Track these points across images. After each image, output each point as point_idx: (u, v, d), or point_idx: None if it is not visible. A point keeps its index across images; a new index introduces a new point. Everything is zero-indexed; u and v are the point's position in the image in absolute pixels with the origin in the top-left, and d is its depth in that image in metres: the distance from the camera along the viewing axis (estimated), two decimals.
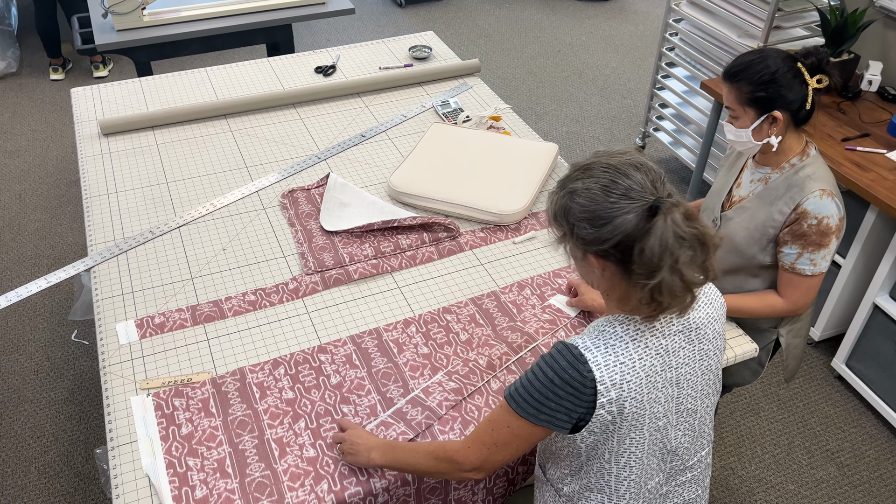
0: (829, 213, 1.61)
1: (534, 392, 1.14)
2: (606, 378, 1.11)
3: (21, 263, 3.21)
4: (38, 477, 2.37)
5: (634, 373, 1.12)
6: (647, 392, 1.14)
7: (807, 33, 3.09)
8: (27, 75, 4.65)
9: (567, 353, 1.13)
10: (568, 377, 1.11)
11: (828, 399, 2.66)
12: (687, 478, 1.29)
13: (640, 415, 1.14)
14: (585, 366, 1.11)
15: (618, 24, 5.44)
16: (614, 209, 1.07)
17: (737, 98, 1.62)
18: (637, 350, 1.13)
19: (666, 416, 1.18)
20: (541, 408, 1.14)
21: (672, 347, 1.16)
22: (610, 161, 1.11)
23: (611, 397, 1.11)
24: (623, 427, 1.15)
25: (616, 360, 1.12)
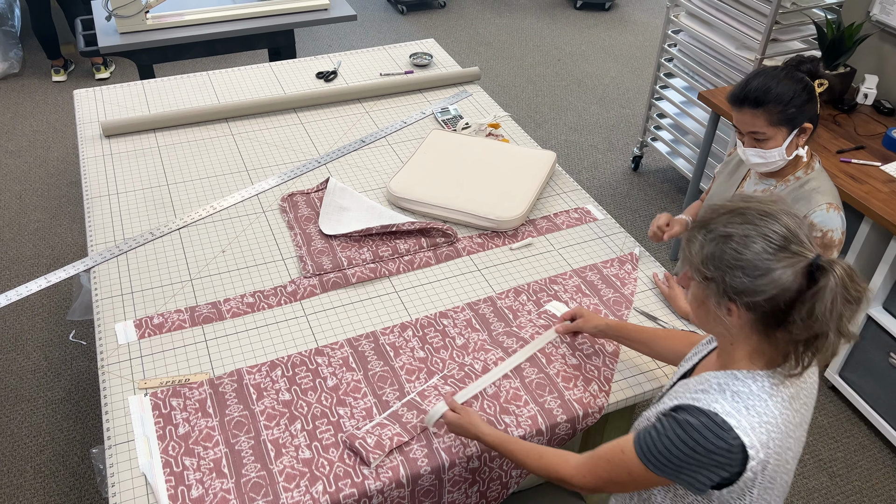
0: (834, 226, 1.63)
1: (672, 456, 1.09)
2: (756, 441, 1.06)
3: (20, 263, 3.22)
4: (34, 476, 2.38)
5: (778, 429, 1.08)
6: (785, 444, 1.11)
7: (804, 46, 3.12)
8: (29, 76, 4.67)
9: (709, 422, 1.06)
10: (713, 447, 1.06)
11: (821, 409, 2.67)
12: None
13: (777, 466, 1.11)
14: (731, 433, 1.05)
15: (617, 34, 5.47)
16: (773, 260, 1.03)
17: (767, 121, 1.60)
18: (777, 406, 1.09)
19: (794, 459, 1.15)
20: (682, 470, 1.09)
21: (796, 393, 1.13)
22: (766, 208, 1.07)
23: (760, 458, 1.07)
24: (762, 482, 1.10)
25: (759, 420, 1.07)
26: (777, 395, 1.09)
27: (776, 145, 1.62)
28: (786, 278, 1.02)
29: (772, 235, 1.04)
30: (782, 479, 1.15)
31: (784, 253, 1.03)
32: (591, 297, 1.84)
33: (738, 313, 1.08)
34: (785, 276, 1.02)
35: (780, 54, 3.07)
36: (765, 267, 1.03)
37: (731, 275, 1.05)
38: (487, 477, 1.53)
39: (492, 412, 1.54)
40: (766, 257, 1.03)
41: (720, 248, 1.06)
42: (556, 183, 2.26)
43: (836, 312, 1.00)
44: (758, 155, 1.65)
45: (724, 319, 1.10)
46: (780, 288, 1.02)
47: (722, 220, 1.08)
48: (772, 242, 1.03)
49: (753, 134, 1.63)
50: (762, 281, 1.03)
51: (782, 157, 1.64)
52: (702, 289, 1.11)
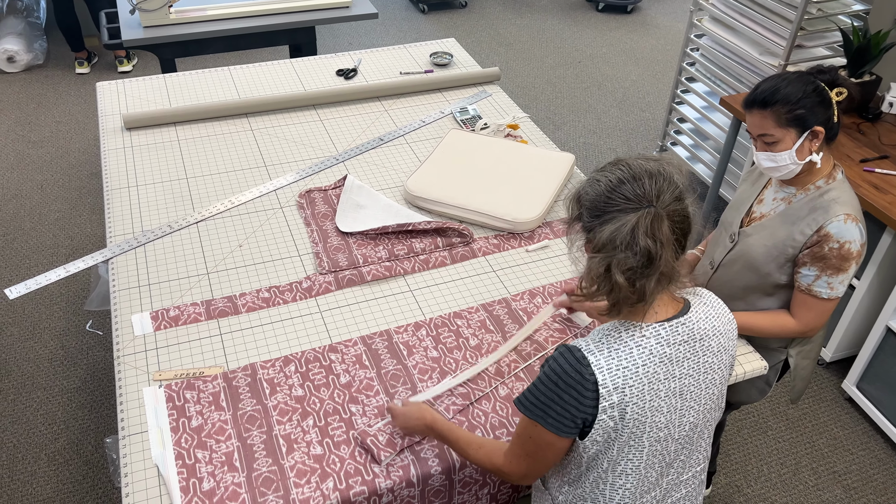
0: (851, 238, 1.60)
1: (539, 395, 1.17)
2: (609, 381, 1.12)
3: (40, 252, 3.25)
4: (47, 464, 2.41)
5: (637, 378, 1.13)
6: (648, 399, 1.14)
7: (829, 53, 3.09)
8: (53, 67, 4.72)
9: (569, 355, 1.15)
10: (570, 380, 1.13)
11: (837, 420, 2.64)
12: (682, 494, 1.29)
13: (641, 422, 1.15)
14: (588, 368, 1.12)
15: (639, 37, 5.44)
16: (610, 206, 1.12)
17: (775, 121, 1.59)
18: (641, 356, 1.14)
19: (668, 426, 1.18)
20: (547, 410, 1.15)
21: (676, 357, 1.17)
22: (632, 162, 1.16)
23: (613, 401, 1.12)
24: (624, 434, 1.15)
25: (618, 364, 1.13)
26: (644, 348, 1.14)
27: (785, 148, 1.60)
28: (614, 223, 1.11)
29: (618, 186, 1.13)
30: (653, 444, 1.18)
31: (624, 202, 1.11)
32: None
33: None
34: (616, 220, 1.11)
35: (804, 61, 3.03)
36: (603, 209, 1.13)
37: (584, 214, 1.17)
38: (498, 480, 1.53)
39: (504, 414, 1.53)
40: (607, 201, 1.13)
41: (584, 188, 1.19)
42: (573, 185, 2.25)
43: (613, 244, 1.09)
44: (768, 158, 1.63)
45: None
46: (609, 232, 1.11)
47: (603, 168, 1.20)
48: (615, 191, 1.13)
49: (763, 136, 1.62)
50: (597, 221, 1.13)
51: (793, 161, 1.61)
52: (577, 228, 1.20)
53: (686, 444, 1.23)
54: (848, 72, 2.76)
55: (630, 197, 1.11)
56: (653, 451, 1.19)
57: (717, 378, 1.23)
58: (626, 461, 1.19)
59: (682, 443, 1.22)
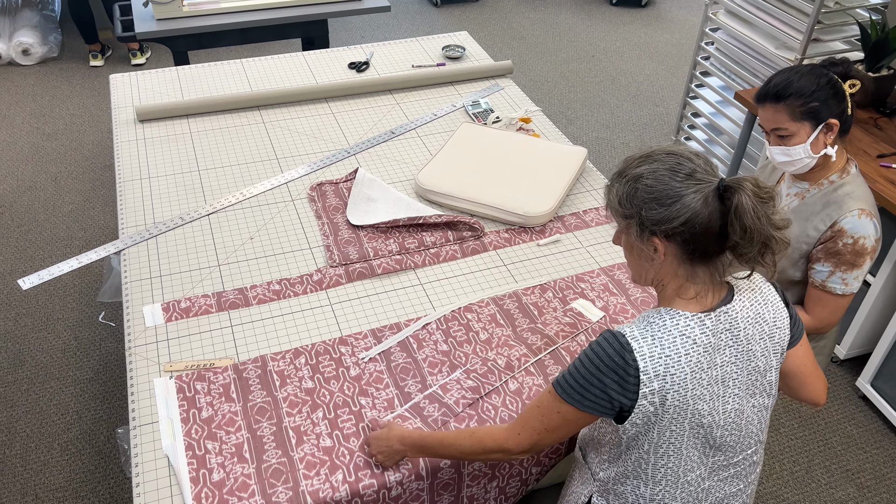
0: (866, 233, 1.58)
1: (579, 378, 1.17)
2: (650, 369, 1.13)
3: (54, 243, 3.28)
4: (60, 453, 2.43)
5: (679, 367, 1.14)
6: (690, 388, 1.15)
7: (846, 47, 3.05)
8: (67, 60, 4.75)
9: (614, 340, 1.15)
10: (613, 364, 1.13)
11: (850, 418, 2.62)
12: (730, 473, 1.30)
13: (682, 409, 1.16)
14: (630, 354, 1.13)
15: (653, 31, 5.40)
16: (681, 188, 1.11)
17: (789, 115, 1.58)
18: (685, 345, 1.14)
19: (711, 414, 1.19)
20: (585, 394, 1.16)
21: (718, 345, 1.17)
22: (671, 149, 1.16)
23: (653, 388, 1.13)
24: (664, 419, 1.16)
25: (662, 352, 1.13)
26: (689, 337, 1.15)
27: (800, 142, 1.58)
28: (696, 201, 1.11)
29: (677, 167, 1.13)
30: (695, 429, 1.19)
31: (691, 180, 1.12)
32: (619, 296, 1.81)
33: (661, 246, 1.15)
34: (696, 200, 1.11)
35: (821, 55, 3.00)
36: (675, 194, 1.12)
37: (646, 208, 1.14)
38: (507, 473, 1.52)
39: (514, 408, 1.53)
40: (676, 185, 1.12)
41: (633, 186, 1.15)
42: (586, 180, 2.24)
43: (762, 216, 1.08)
44: (782, 153, 1.61)
45: (651, 256, 1.17)
46: (692, 210, 1.10)
47: (633, 165, 1.17)
48: (678, 173, 1.13)
49: (776, 130, 1.60)
50: (675, 207, 1.11)
51: (808, 155, 1.59)
52: (626, 233, 1.20)
53: (734, 430, 1.24)
54: (865, 66, 2.73)
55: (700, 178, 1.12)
56: (695, 433, 1.20)
57: (760, 365, 1.23)
58: (668, 444, 1.20)
59: (729, 428, 1.23)
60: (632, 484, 1.27)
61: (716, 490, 1.30)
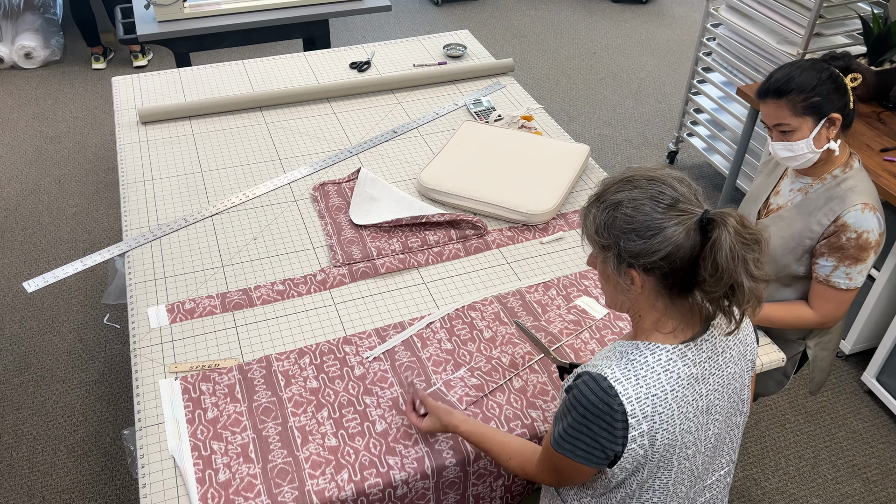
0: (869, 227, 1.58)
1: (569, 426, 1.12)
2: (638, 411, 1.08)
3: (58, 246, 3.29)
4: (66, 455, 2.43)
5: (666, 404, 1.09)
6: (678, 423, 1.11)
7: (848, 41, 3.04)
8: (70, 63, 4.76)
9: (594, 385, 1.09)
10: (598, 411, 1.08)
11: (856, 413, 2.61)
12: (706, 498, 1.27)
13: (671, 446, 1.12)
14: (616, 399, 1.07)
15: (655, 27, 5.39)
16: (663, 219, 1.05)
17: (791, 110, 1.57)
18: (669, 381, 1.10)
19: (695, 444, 1.15)
20: (576, 443, 1.12)
21: (702, 375, 1.13)
22: (651, 173, 1.09)
23: (643, 430, 1.08)
24: (654, 459, 1.12)
25: (647, 391, 1.08)
26: (672, 372, 1.10)
27: (802, 136, 1.58)
28: (678, 235, 1.04)
29: (659, 196, 1.06)
30: (682, 462, 1.15)
31: (673, 211, 1.05)
32: None
33: (638, 279, 1.09)
34: (677, 233, 1.04)
35: (822, 49, 2.99)
36: (656, 226, 1.05)
37: (625, 239, 1.07)
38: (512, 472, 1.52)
39: (518, 406, 1.53)
40: (657, 217, 1.05)
41: (612, 214, 1.08)
42: (588, 177, 2.23)
43: (738, 258, 1.01)
44: (785, 148, 1.61)
45: (627, 288, 1.11)
46: (673, 244, 1.04)
47: (612, 190, 1.10)
48: (660, 203, 1.05)
49: (779, 126, 1.60)
50: (656, 240, 1.05)
51: (811, 150, 1.59)
52: (602, 261, 1.13)
53: (711, 454, 1.21)
54: (868, 60, 2.72)
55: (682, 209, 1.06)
56: (682, 468, 1.16)
57: (738, 386, 1.20)
58: (655, 480, 1.16)
59: (708, 454, 1.20)
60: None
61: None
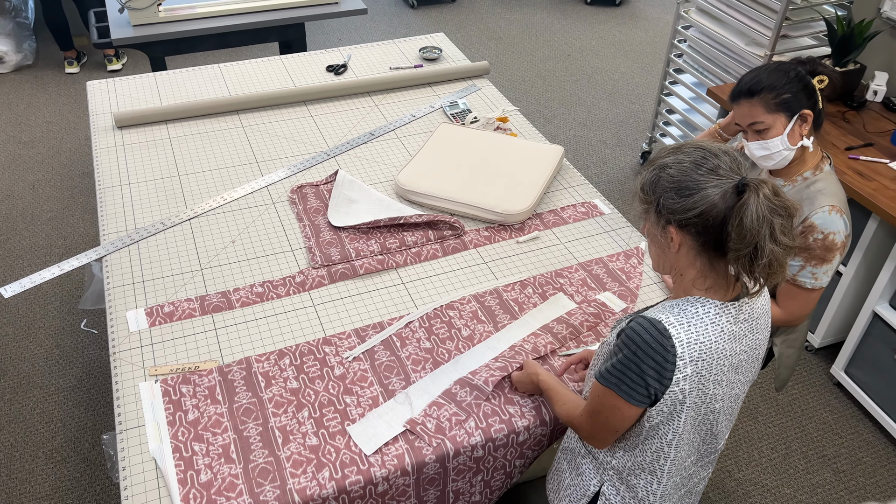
0: (835, 229, 1.63)
1: (618, 362, 1.20)
2: (686, 355, 1.16)
3: (33, 252, 3.26)
4: (45, 462, 2.42)
5: (709, 353, 1.17)
6: (714, 374, 1.19)
7: (814, 42, 3.12)
8: (43, 67, 4.71)
9: (651, 327, 1.17)
10: (651, 350, 1.16)
11: (826, 405, 2.68)
12: (709, 460, 1.35)
13: (703, 394, 1.20)
14: (669, 340, 1.15)
15: (628, 29, 5.46)
16: (702, 181, 1.14)
17: (764, 108, 1.63)
18: (715, 332, 1.18)
19: (722, 399, 1.23)
20: (622, 377, 1.19)
21: (739, 334, 1.21)
22: (701, 144, 1.19)
23: (687, 373, 1.16)
24: (688, 405, 1.20)
25: (696, 338, 1.16)
26: (718, 325, 1.18)
27: (777, 134, 1.63)
28: (714, 195, 1.13)
29: (702, 162, 1.15)
30: (706, 414, 1.23)
31: (713, 175, 1.14)
32: (597, 290, 1.85)
33: (676, 236, 1.18)
34: (713, 194, 1.13)
35: (789, 50, 3.06)
36: (695, 186, 1.14)
37: (665, 196, 1.17)
38: (491, 466, 1.55)
39: (497, 402, 1.56)
40: (697, 178, 1.15)
41: (657, 174, 1.19)
42: (563, 177, 2.27)
43: (765, 221, 1.09)
44: (761, 147, 1.66)
45: (667, 246, 1.20)
46: (709, 203, 1.13)
47: (662, 155, 1.21)
48: (701, 167, 1.15)
49: (754, 125, 1.65)
50: (693, 198, 1.14)
51: (786, 147, 1.64)
52: (647, 219, 1.23)
53: (729, 415, 1.29)
54: (833, 61, 2.79)
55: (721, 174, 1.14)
56: (706, 420, 1.24)
57: (760, 353, 1.28)
58: (685, 431, 1.24)
59: (727, 414, 1.28)
60: (645, 479, 1.30)
61: (694, 475, 1.35)
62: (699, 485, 1.39)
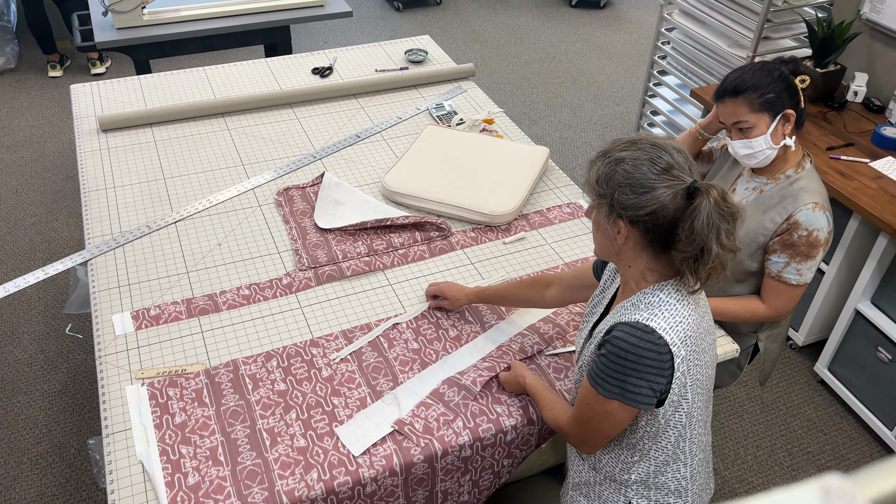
0: (819, 225, 1.66)
1: (613, 372, 1.21)
2: (676, 338, 1.19)
3: (17, 257, 3.23)
4: (30, 467, 2.40)
5: (690, 327, 1.21)
6: (699, 344, 1.23)
7: (795, 44, 3.15)
8: (25, 71, 4.68)
9: (634, 330, 1.19)
10: (643, 352, 1.18)
11: (810, 403, 2.71)
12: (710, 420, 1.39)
13: (699, 366, 1.23)
14: (655, 334, 1.18)
15: (612, 31, 5.50)
16: (655, 181, 1.16)
17: (748, 108, 1.65)
18: (685, 308, 1.22)
19: (709, 365, 1.28)
20: (625, 384, 1.20)
21: (695, 301, 1.26)
22: (656, 141, 1.21)
23: (682, 355, 1.20)
24: (692, 384, 1.23)
25: (675, 320, 1.20)
26: (682, 301, 1.22)
27: (760, 133, 1.65)
28: (666, 196, 1.16)
29: (657, 160, 1.18)
30: (705, 384, 1.28)
31: (666, 175, 1.17)
32: None
33: (624, 229, 1.21)
34: (665, 195, 1.16)
35: (771, 52, 3.10)
36: (649, 185, 1.17)
37: (619, 191, 1.19)
38: (479, 466, 1.56)
39: (484, 402, 1.56)
40: (651, 177, 1.17)
41: (613, 168, 1.20)
42: (549, 178, 2.29)
43: (713, 226, 1.13)
44: (745, 146, 1.68)
45: (614, 237, 1.23)
46: (660, 203, 1.16)
47: (617, 148, 1.22)
48: (656, 165, 1.17)
49: (738, 124, 1.67)
50: (645, 197, 1.16)
51: (769, 146, 1.66)
52: (597, 210, 1.25)
53: (707, 397, 1.33)
54: (813, 62, 2.83)
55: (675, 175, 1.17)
56: (704, 389, 1.28)
57: (713, 339, 1.32)
58: (695, 408, 1.27)
59: (706, 396, 1.32)
60: (672, 469, 1.31)
61: (708, 442, 1.39)
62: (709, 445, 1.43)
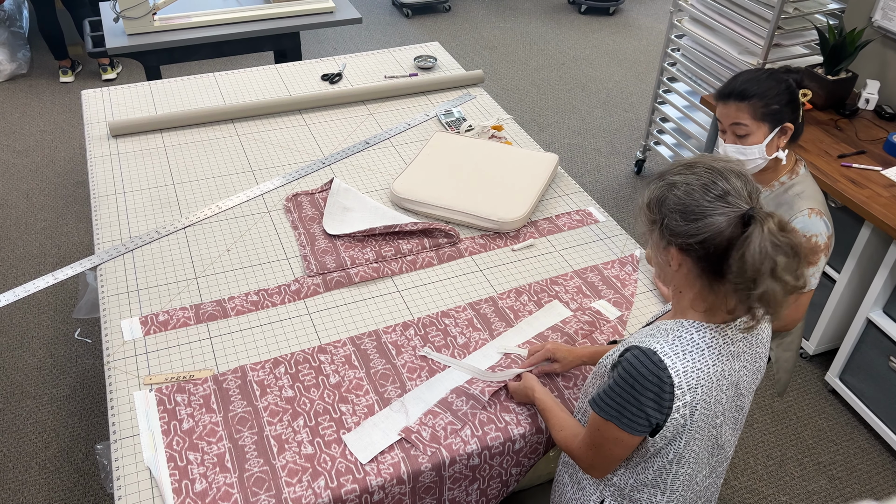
0: (817, 231, 1.64)
1: (615, 396, 1.19)
2: (684, 384, 1.15)
3: (27, 261, 3.25)
4: (38, 472, 2.40)
5: (707, 378, 1.17)
6: (714, 395, 1.19)
7: (806, 51, 3.14)
8: (37, 77, 4.71)
9: (646, 359, 1.16)
10: (648, 382, 1.16)
11: (821, 412, 2.68)
12: (722, 468, 1.36)
13: (706, 415, 1.20)
14: (665, 371, 1.15)
15: (622, 38, 5.49)
16: (708, 208, 1.11)
17: (751, 114, 1.63)
18: (712, 356, 1.18)
19: (724, 414, 1.24)
20: (622, 410, 1.19)
21: (737, 352, 1.21)
22: (714, 164, 1.15)
23: (686, 400, 1.16)
24: (692, 429, 1.20)
25: (693, 365, 1.16)
26: (715, 348, 1.18)
27: (756, 141, 1.64)
28: (718, 223, 1.10)
29: (711, 186, 1.12)
30: (710, 430, 1.23)
31: (720, 202, 1.11)
32: (592, 298, 1.85)
33: (677, 257, 1.16)
34: (718, 222, 1.10)
35: (782, 59, 3.08)
36: (700, 212, 1.11)
37: (670, 217, 1.14)
38: (488, 475, 1.55)
39: (493, 410, 1.55)
40: (704, 204, 1.11)
41: (665, 193, 1.16)
42: (558, 185, 2.28)
43: (767, 257, 1.06)
44: (738, 151, 1.67)
45: (668, 264, 1.19)
46: (713, 231, 1.10)
47: (673, 171, 1.18)
48: (710, 192, 1.12)
49: (735, 127, 1.66)
50: (696, 224, 1.11)
51: (762, 156, 1.65)
52: (650, 235, 1.20)
53: (733, 425, 1.29)
54: (824, 69, 2.81)
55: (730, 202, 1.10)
56: (710, 436, 1.24)
57: (762, 365, 1.29)
58: (689, 452, 1.24)
59: (731, 425, 1.28)
60: (649, 492, 1.30)
61: (711, 486, 1.35)
62: (714, 494, 1.40)
